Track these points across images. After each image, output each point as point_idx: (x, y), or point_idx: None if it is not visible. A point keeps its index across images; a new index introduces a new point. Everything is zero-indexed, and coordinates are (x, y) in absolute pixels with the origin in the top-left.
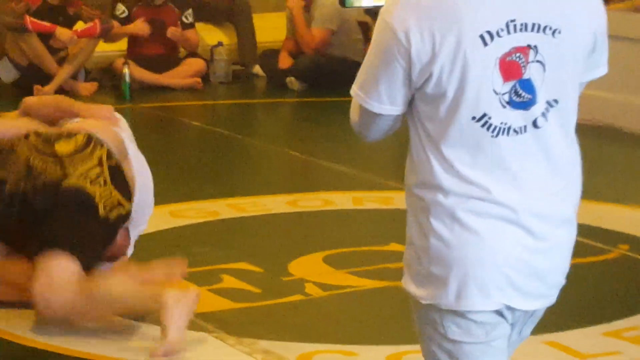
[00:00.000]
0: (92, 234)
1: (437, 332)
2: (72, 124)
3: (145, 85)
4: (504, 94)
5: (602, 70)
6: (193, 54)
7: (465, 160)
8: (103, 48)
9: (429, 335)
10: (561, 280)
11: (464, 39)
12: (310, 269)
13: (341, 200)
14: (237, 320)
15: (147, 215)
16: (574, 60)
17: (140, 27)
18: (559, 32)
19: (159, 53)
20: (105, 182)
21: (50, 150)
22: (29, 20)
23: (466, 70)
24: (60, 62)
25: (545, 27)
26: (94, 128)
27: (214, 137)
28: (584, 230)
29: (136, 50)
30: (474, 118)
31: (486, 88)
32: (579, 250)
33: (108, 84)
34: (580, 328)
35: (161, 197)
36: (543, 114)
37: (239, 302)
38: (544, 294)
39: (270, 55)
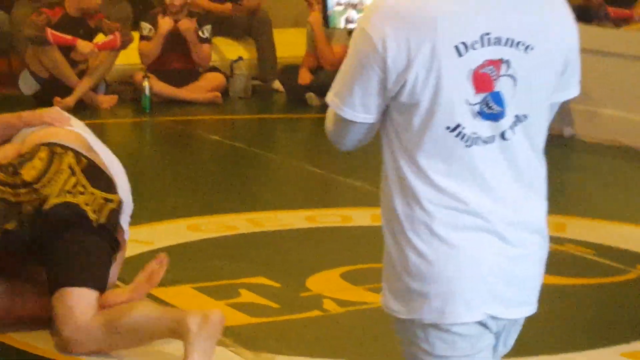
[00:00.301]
0: (95, 250)
1: (421, 348)
2: (27, 138)
3: (165, 99)
4: (475, 104)
5: (573, 91)
6: (213, 68)
7: (440, 170)
8: (123, 61)
9: (413, 352)
10: (538, 288)
11: (439, 48)
12: (328, 285)
13: (360, 216)
14: (254, 335)
15: (129, 197)
16: (545, 78)
17: (166, 22)
18: (532, 49)
19: (179, 67)
20: (84, 187)
21: (19, 181)
22: (50, 32)
23: (440, 80)
24: (81, 74)
25: (518, 43)
26: (50, 136)
27: (232, 151)
28: (602, 250)
29: (156, 64)
30: (448, 128)
31: (459, 98)
32: (598, 270)
33: (128, 97)
34: (598, 348)
35: (179, 210)
36: (511, 127)
37: (256, 316)
38: (524, 301)
39: (290, 71)
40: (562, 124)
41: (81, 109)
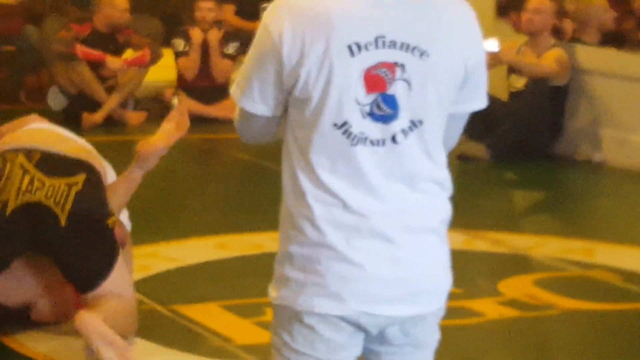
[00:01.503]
0: (86, 247)
1: (283, 339)
2: None
3: (193, 116)
4: (365, 105)
5: (478, 104)
6: None
7: (326, 166)
8: (153, 77)
9: (276, 342)
10: (433, 288)
11: (332, 47)
12: None
13: None
14: None
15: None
16: (443, 86)
17: (197, 33)
18: (427, 55)
19: (208, 85)
20: (41, 182)
21: None
22: (79, 48)
23: (331, 77)
24: (109, 90)
25: (414, 48)
26: (3, 144)
27: (260, 170)
28: (631, 276)
29: (186, 81)
30: (335, 125)
31: (348, 97)
32: (625, 296)
33: (157, 113)
34: None
35: (206, 228)
36: (404, 131)
37: None
38: (415, 300)
39: None
40: (591, 149)
41: (110, 125)
